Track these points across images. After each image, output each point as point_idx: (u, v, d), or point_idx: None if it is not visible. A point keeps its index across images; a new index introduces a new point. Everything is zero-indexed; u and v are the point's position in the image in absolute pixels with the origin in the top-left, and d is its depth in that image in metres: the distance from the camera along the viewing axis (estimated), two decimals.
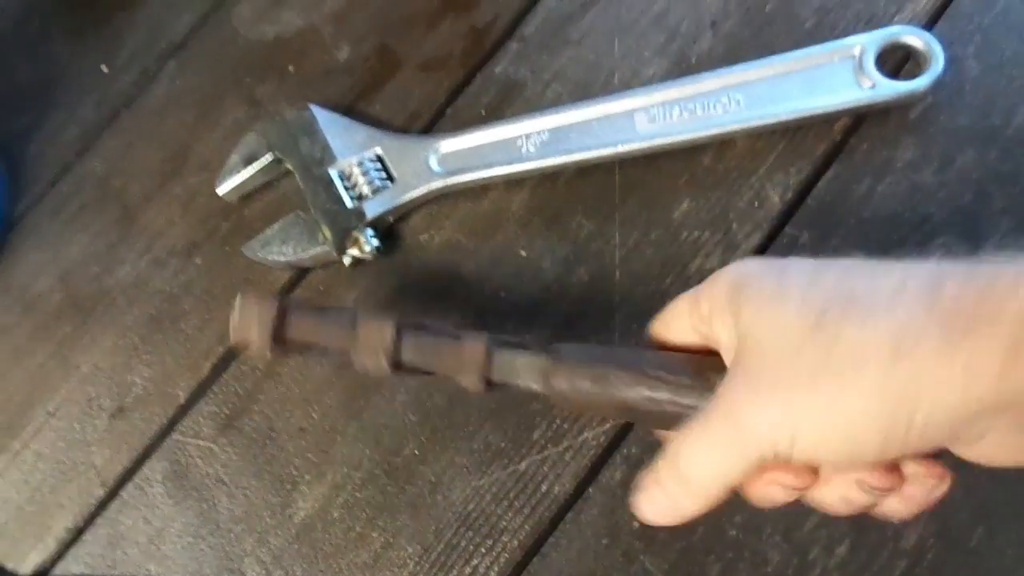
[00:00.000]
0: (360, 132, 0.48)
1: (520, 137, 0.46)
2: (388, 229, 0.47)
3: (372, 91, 0.51)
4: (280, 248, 0.47)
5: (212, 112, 0.54)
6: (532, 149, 0.45)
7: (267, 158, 0.49)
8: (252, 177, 0.49)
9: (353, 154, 0.47)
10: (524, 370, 0.33)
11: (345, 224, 0.46)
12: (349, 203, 0.46)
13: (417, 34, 0.52)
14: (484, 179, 0.46)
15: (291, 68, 0.54)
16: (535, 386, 0.33)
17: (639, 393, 0.31)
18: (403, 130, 0.50)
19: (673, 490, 0.29)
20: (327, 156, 0.47)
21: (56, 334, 0.51)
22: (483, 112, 0.49)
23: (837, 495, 0.28)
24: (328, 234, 0.46)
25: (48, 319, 0.51)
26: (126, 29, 0.59)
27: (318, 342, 0.36)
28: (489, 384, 0.34)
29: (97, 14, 0.61)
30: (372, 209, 0.46)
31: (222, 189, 0.49)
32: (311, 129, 0.48)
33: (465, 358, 0.34)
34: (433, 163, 0.46)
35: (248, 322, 0.35)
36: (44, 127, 0.58)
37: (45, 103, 0.58)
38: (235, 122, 0.53)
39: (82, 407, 0.48)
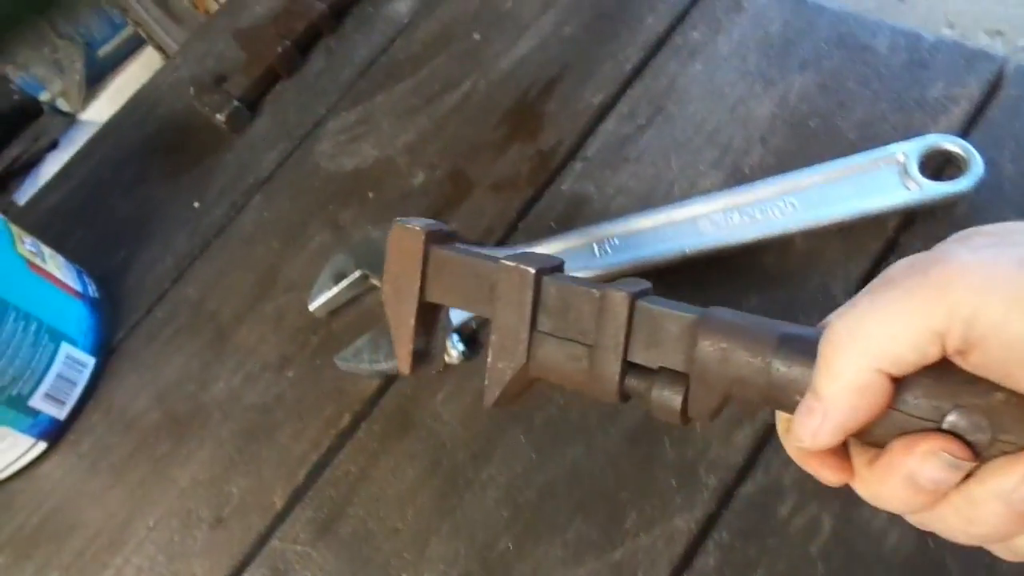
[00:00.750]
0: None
1: (592, 243, 0.49)
2: (472, 333, 0.50)
3: (448, 210, 0.56)
4: (370, 357, 0.50)
5: (298, 237, 0.59)
6: (605, 254, 0.49)
7: (355, 275, 0.53)
8: (341, 293, 0.53)
9: None
10: (668, 325, 0.28)
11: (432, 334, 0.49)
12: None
13: (487, 159, 0.57)
14: None
15: (371, 195, 0.59)
16: (678, 355, 0.28)
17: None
18: (479, 244, 0.54)
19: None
20: None
21: (155, 451, 0.53)
22: (552, 224, 0.53)
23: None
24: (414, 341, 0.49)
25: (147, 437, 0.54)
26: (216, 168, 0.65)
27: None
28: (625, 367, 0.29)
29: (189, 156, 0.67)
30: (457, 316, 0.49)
31: (313, 305, 0.53)
32: None
33: (607, 307, 0.29)
34: None
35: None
36: (141, 259, 0.63)
37: (142, 237, 0.64)
38: (320, 245, 0.58)
39: (182, 519, 0.50)
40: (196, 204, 0.64)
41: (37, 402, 0.53)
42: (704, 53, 0.57)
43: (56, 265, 0.57)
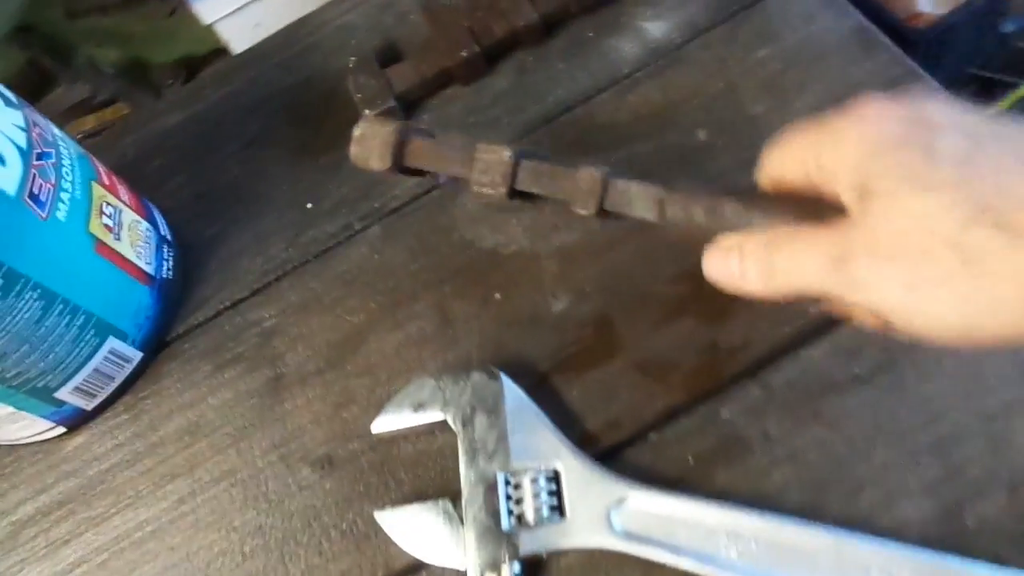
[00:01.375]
0: (545, 435, 0.41)
1: (721, 532, 0.38)
2: (538, 561, 0.40)
3: (575, 368, 0.44)
4: (415, 536, 0.41)
5: (399, 309, 0.49)
6: (733, 554, 0.37)
7: (437, 416, 0.43)
8: (413, 426, 0.43)
9: (529, 459, 0.41)
10: (639, 198, 0.35)
11: (494, 552, 0.39)
12: (506, 523, 0.39)
13: (647, 319, 0.45)
14: (666, 563, 0.38)
15: (497, 296, 0.48)
16: (649, 215, 0.34)
17: (749, 223, 0.32)
18: (595, 437, 0.42)
19: (750, 268, 0.31)
20: (500, 450, 0.41)
21: (165, 489, 0.47)
22: (691, 461, 0.41)
23: None
24: (473, 554, 0.39)
25: (163, 471, 0.48)
26: (345, 168, 0.54)
27: (437, 166, 0.37)
28: (603, 213, 0.35)
29: (323, 136, 0.57)
30: (528, 544, 0.39)
31: (377, 427, 0.44)
32: (494, 407, 0.42)
33: (581, 185, 0.35)
34: (614, 516, 0.39)
35: (369, 144, 0.37)
36: (231, 244, 0.54)
37: (241, 217, 0.55)
38: (418, 333, 0.48)
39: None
40: (309, 205, 0.54)
41: (64, 394, 0.47)
42: None
43: (132, 239, 0.49)
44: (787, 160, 0.31)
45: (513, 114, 0.53)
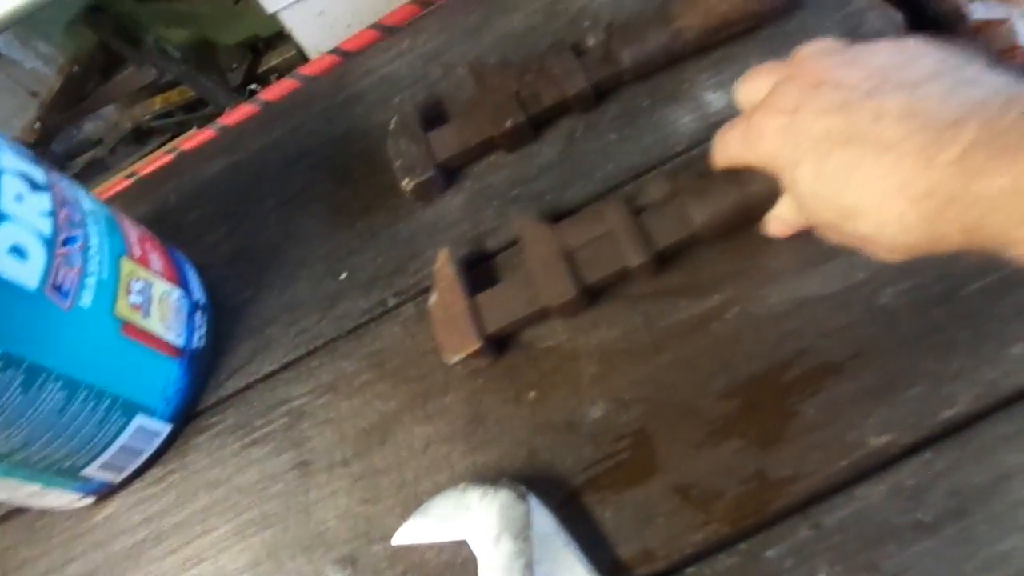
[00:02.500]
0: (574, 567, 0.39)
1: None
2: None
3: (609, 488, 0.42)
4: None
5: (430, 401, 0.47)
6: None
7: (460, 535, 0.41)
8: (436, 540, 0.41)
9: None
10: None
11: None
12: None
13: (689, 437, 0.41)
14: None
15: (532, 394, 0.45)
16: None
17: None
18: (627, 567, 0.40)
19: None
20: None
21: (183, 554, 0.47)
22: None
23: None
24: None
25: (189, 554, 0.47)
26: (382, 234, 0.53)
27: (514, 318, 0.45)
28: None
29: (360, 198, 0.55)
30: None
31: (398, 539, 0.42)
32: (521, 529, 0.39)
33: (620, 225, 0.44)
34: None
35: (451, 333, 0.45)
36: (264, 310, 0.53)
37: (275, 283, 0.54)
38: (449, 428, 0.45)
39: None
40: (343, 276, 0.52)
41: (91, 472, 0.47)
42: None
43: (163, 314, 0.48)
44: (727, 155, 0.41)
45: (558, 190, 0.50)
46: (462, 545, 0.41)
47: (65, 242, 0.42)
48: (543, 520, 0.40)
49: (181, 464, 0.50)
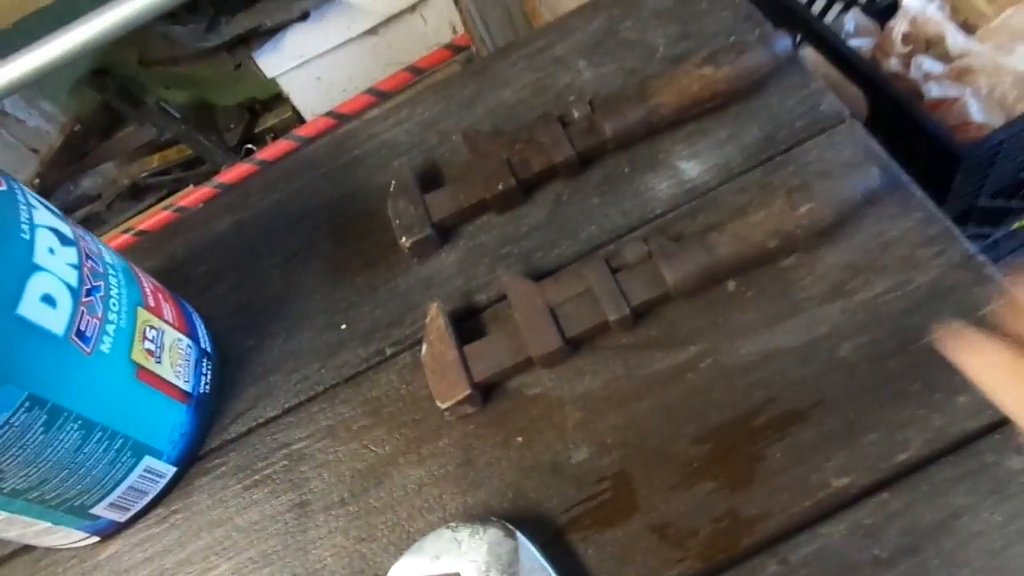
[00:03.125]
0: None
1: None
2: None
3: (591, 527, 0.44)
4: None
5: (424, 444, 0.50)
6: None
7: (452, 568, 0.43)
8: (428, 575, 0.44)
9: None
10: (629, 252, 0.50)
11: None
12: None
13: (666, 479, 0.45)
14: None
15: (519, 439, 0.48)
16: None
17: None
18: None
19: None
20: None
21: None
22: None
23: None
24: None
25: None
26: (380, 289, 0.56)
27: (501, 366, 0.49)
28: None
29: (361, 254, 0.58)
30: None
31: (394, 573, 0.44)
32: (508, 566, 0.42)
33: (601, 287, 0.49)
34: None
35: (442, 379, 0.49)
36: (266, 359, 0.56)
37: (278, 332, 0.57)
38: (441, 471, 0.48)
39: None
40: (343, 326, 0.55)
41: (99, 510, 0.49)
42: (1016, 499, 0.40)
43: (173, 361, 0.51)
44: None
45: (546, 249, 0.54)
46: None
47: (89, 292, 0.45)
48: (529, 556, 0.43)
49: (184, 505, 0.52)
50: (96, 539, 0.52)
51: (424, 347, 0.50)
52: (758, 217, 0.47)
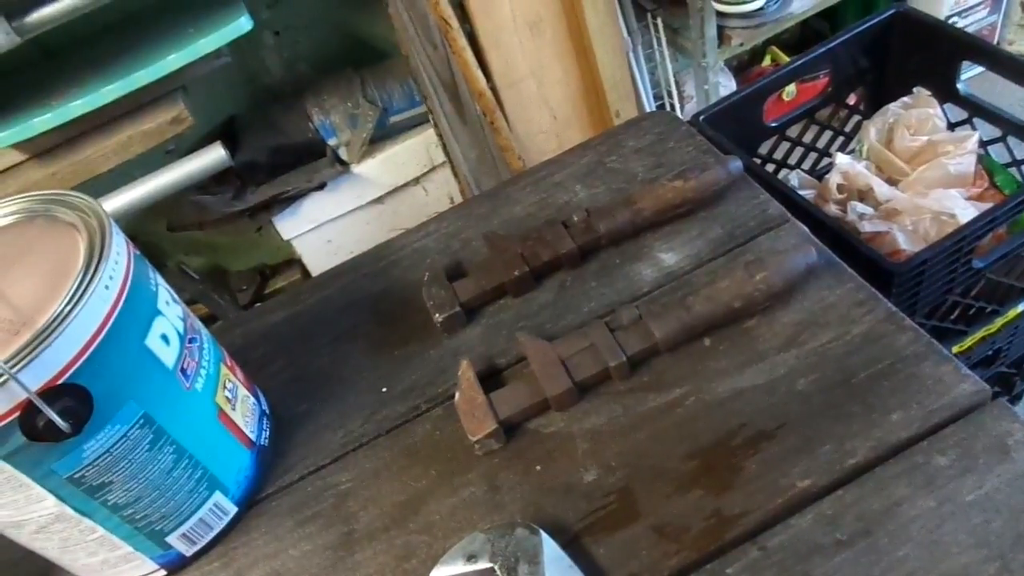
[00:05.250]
0: None
1: None
2: None
3: (603, 531, 0.53)
4: None
5: (455, 476, 0.58)
6: None
7: (485, 564, 0.51)
8: (465, 574, 0.51)
9: None
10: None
11: None
12: None
13: (663, 491, 0.54)
14: None
15: (538, 467, 0.57)
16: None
17: None
18: None
19: None
20: None
21: None
22: None
23: None
24: None
25: None
26: (416, 359, 0.67)
27: (522, 407, 0.59)
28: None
29: (399, 333, 0.69)
30: None
31: (435, 575, 0.52)
32: (534, 557, 0.50)
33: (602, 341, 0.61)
34: None
35: (473, 417, 0.59)
36: (318, 420, 0.65)
37: (327, 398, 0.66)
38: (471, 498, 0.57)
39: None
40: (384, 389, 0.65)
41: (173, 539, 0.56)
42: (943, 488, 0.49)
43: (243, 412, 0.60)
44: None
45: (554, 321, 0.65)
46: (488, 573, 0.52)
47: (190, 340, 0.56)
48: (551, 549, 0.51)
49: (242, 542, 0.59)
50: (163, 573, 0.58)
51: (457, 394, 0.60)
52: (724, 284, 0.60)
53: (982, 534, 0.47)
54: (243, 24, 1.17)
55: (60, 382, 0.46)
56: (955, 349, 1.09)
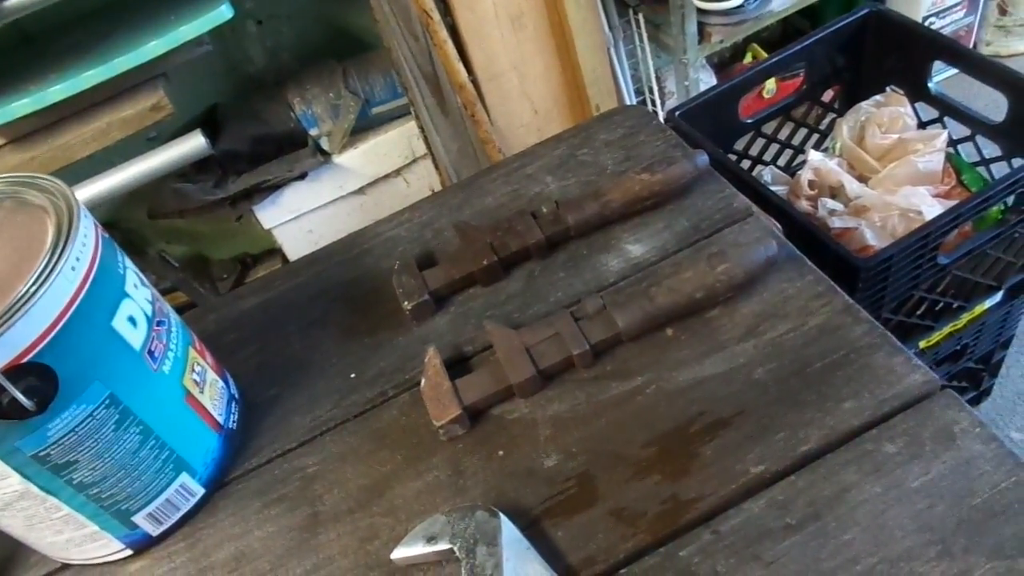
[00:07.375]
0: (534, 566, 0.50)
1: None
2: None
3: (561, 515, 0.54)
4: None
5: (420, 461, 0.59)
6: None
7: (445, 545, 0.52)
8: (427, 555, 0.53)
9: None
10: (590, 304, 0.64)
11: None
12: None
13: (622, 476, 0.55)
14: None
15: (501, 453, 0.58)
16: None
17: None
18: (575, 570, 0.51)
19: None
20: (496, 575, 0.50)
21: None
22: None
23: None
24: None
25: None
26: (385, 347, 0.68)
27: (485, 393, 0.60)
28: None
29: (369, 321, 0.70)
30: None
31: (396, 555, 0.53)
32: (493, 539, 0.51)
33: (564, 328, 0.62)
34: None
35: (438, 402, 0.60)
36: (286, 405, 0.66)
37: (296, 383, 0.67)
38: (435, 482, 0.58)
39: None
40: (353, 375, 0.66)
41: (139, 519, 0.57)
42: (891, 475, 0.51)
43: (211, 395, 0.61)
44: None
45: (522, 310, 0.66)
46: (445, 564, 0.53)
47: (159, 323, 0.56)
48: (510, 531, 0.52)
49: (208, 523, 0.60)
50: (129, 552, 0.59)
51: (423, 380, 0.61)
52: (687, 275, 0.61)
53: (926, 519, 0.49)
54: (224, 12, 1.17)
55: (24, 360, 0.46)
56: (922, 344, 1.11)
